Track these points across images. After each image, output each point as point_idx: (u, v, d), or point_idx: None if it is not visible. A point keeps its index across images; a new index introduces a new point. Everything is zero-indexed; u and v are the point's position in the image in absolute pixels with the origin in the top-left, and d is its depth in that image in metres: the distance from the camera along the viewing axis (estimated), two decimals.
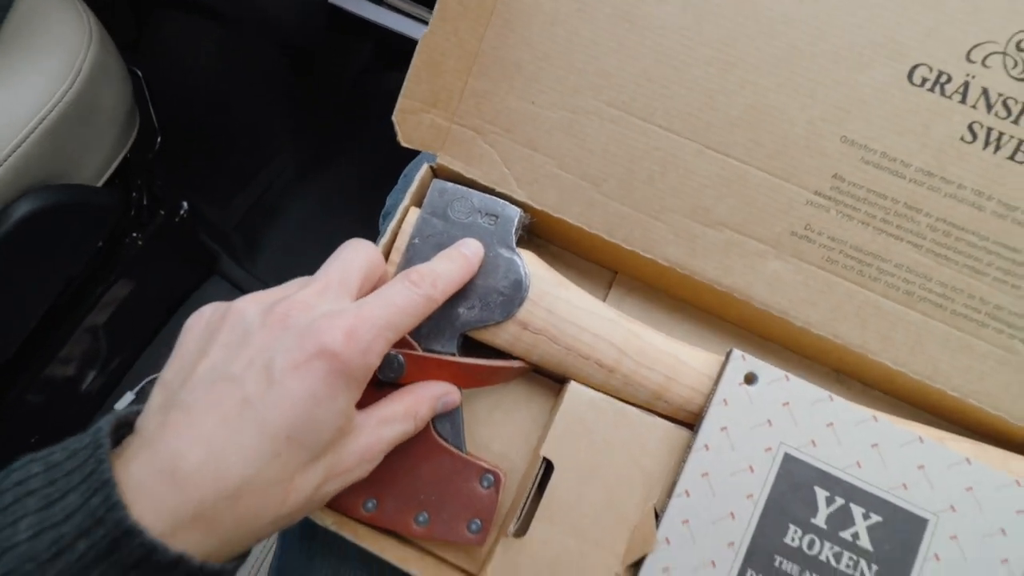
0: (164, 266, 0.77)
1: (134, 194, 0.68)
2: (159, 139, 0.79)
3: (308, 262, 0.30)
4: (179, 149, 0.81)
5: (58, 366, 0.73)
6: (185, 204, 0.75)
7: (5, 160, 0.50)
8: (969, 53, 0.27)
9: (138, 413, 0.23)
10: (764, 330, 0.32)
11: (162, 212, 0.71)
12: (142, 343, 0.81)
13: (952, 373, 0.29)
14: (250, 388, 0.22)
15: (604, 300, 0.34)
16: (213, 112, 0.86)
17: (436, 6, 0.29)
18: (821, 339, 0.30)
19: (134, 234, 0.69)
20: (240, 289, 0.83)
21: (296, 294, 0.25)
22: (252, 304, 0.25)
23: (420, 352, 0.30)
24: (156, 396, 0.23)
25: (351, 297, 0.26)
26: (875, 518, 0.28)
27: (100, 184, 0.61)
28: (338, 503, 0.29)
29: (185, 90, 0.88)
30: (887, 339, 0.29)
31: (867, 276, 0.29)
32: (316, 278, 0.26)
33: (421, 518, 0.30)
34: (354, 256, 0.27)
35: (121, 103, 0.62)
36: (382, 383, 0.29)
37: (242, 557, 0.23)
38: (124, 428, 0.22)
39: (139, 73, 0.79)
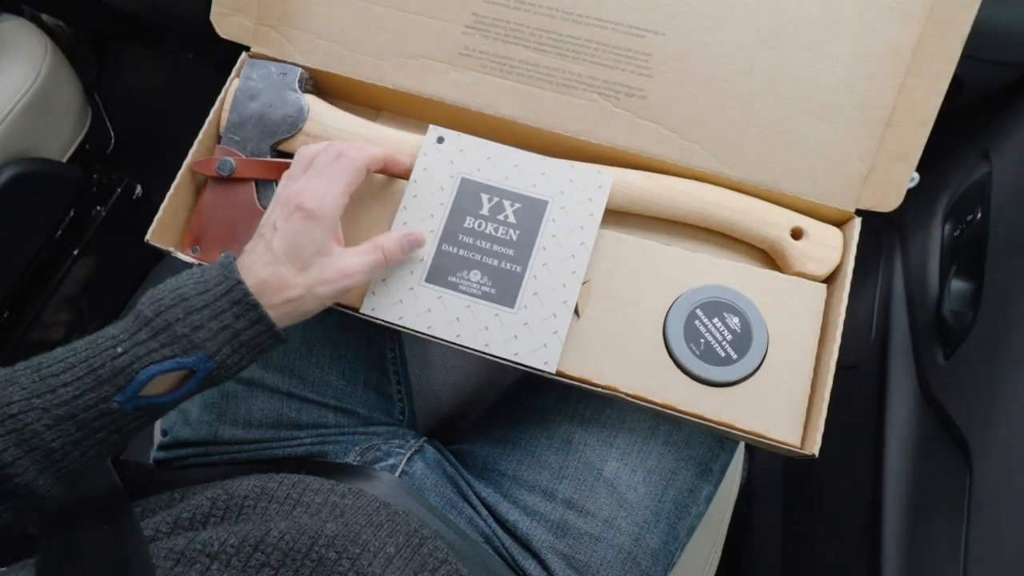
0: (127, 241, 0.95)
1: (95, 176, 0.87)
2: (113, 140, 1.00)
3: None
4: (135, 150, 1.01)
5: (38, 330, 0.90)
6: (139, 187, 0.95)
7: None
8: None
9: None
10: (459, 122, 0.50)
11: (119, 190, 0.90)
12: (115, 309, 0.99)
13: (566, 121, 0.48)
14: (268, 235, 0.40)
15: None
16: (162, 122, 1.07)
17: None
18: (491, 117, 0.48)
19: (98, 207, 0.88)
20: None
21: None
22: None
23: (245, 157, 0.48)
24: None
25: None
26: (517, 205, 0.46)
27: (64, 161, 0.80)
28: (205, 258, 0.48)
29: (139, 107, 1.10)
30: (527, 108, 0.48)
31: (505, 72, 0.48)
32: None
33: None
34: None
35: (74, 100, 0.82)
36: (223, 178, 0.48)
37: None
38: None
39: (96, 95, 1.00)
